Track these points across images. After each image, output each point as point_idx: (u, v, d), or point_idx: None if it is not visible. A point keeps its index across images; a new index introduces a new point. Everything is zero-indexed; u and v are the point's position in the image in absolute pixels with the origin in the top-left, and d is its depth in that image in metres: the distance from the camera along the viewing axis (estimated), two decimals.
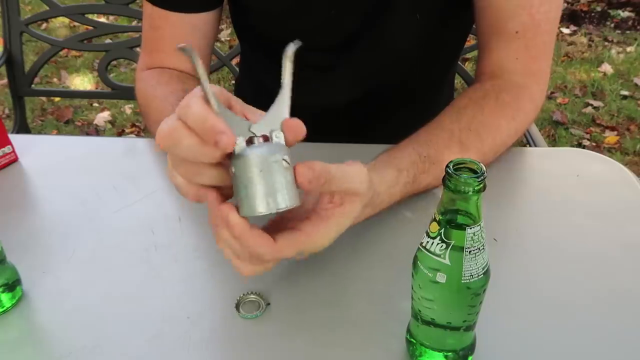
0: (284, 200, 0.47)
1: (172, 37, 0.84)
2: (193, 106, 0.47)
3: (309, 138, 0.93)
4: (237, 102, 0.52)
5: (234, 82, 1.19)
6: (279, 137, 0.49)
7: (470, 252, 0.46)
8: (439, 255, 0.47)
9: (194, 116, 0.46)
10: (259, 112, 0.52)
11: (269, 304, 0.60)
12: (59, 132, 2.44)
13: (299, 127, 0.49)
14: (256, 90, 1.02)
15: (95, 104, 2.65)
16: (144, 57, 0.88)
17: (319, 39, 0.86)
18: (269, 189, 0.47)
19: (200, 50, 0.87)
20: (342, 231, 0.55)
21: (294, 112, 0.52)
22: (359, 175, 0.55)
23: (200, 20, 0.84)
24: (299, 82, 0.92)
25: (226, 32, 3.20)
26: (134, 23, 1.48)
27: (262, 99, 1.02)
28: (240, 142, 0.47)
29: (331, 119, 0.93)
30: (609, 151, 2.29)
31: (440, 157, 0.70)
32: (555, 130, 2.42)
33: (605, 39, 3.17)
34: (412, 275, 0.51)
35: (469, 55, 2.56)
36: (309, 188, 0.48)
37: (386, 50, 0.86)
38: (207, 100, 0.47)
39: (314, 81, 0.91)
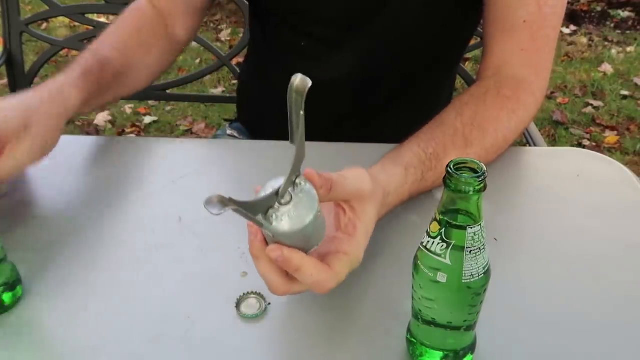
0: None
1: None
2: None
3: (311, 120, 0.92)
4: None
5: (234, 82, 1.19)
6: (303, 184, 0.49)
7: (470, 251, 0.46)
8: (439, 255, 0.47)
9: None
10: None
11: (269, 303, 0.60)
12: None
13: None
14: (260, 75, 1.02)
15: None
16: None
17: (327, 11, 0.87)
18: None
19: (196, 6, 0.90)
20: (369, 237, 0.57)
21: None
22: (358, 175, 0.56)
23: None
24: (304, 55, 0.93)
25: (226, 32, 3.20)
26: None
27: (262, 82, 1.02)
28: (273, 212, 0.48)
29: (333, 98, 0.93)
30: (609, 151, 2.29)
31: (446, 153, 0.71)
32: (556, 130, 2.42)
33: (606, 39, 3.17)
34: (413, 275, 0.51)
35: (469, 55, 2.56)
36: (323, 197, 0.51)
37: (392, 30, 0.86)
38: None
39: (317, 55, 0.92)
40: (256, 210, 0.48)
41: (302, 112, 0.46)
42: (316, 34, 0.91)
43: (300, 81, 0.45)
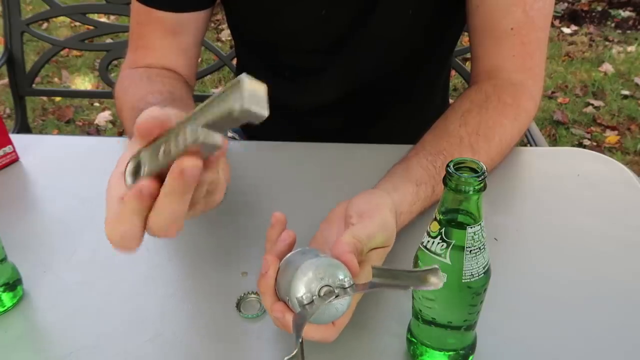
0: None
1: (158, 32, 0.82)
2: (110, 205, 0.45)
3: (302, 139, 0.91)
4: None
5: None
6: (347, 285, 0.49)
7: (470, 251, 0.46)
8: (439, 255, 0.47)
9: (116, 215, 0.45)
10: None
11: None
12: (60, 132, 2.44)
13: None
14: None
15: (96, 104, 2.65)
16: (130, 54, 0.85)
17: (308, 40, 0.85)
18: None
19: (188, 47, 0.85)
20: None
21: (282, 114, 0.50)
22: (383, 230, 0.57)
23: (188, 18, 0.82)
24: (287, 84, 0.92)
25: (226, 32, 3.20)
26: None
27: None
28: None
29: (323, 118, 0.92)
30: (610, 151, 2.29)
31: None
32: (556, 129, 2.41)
33: (606, 39, 3.17)
34: None
35: (469, 55, 2.56)
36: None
37: (377, 49, 0.85)
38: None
39: (302, 83, 0.90)
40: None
41: None
42: (298, 65, 0.89)
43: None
